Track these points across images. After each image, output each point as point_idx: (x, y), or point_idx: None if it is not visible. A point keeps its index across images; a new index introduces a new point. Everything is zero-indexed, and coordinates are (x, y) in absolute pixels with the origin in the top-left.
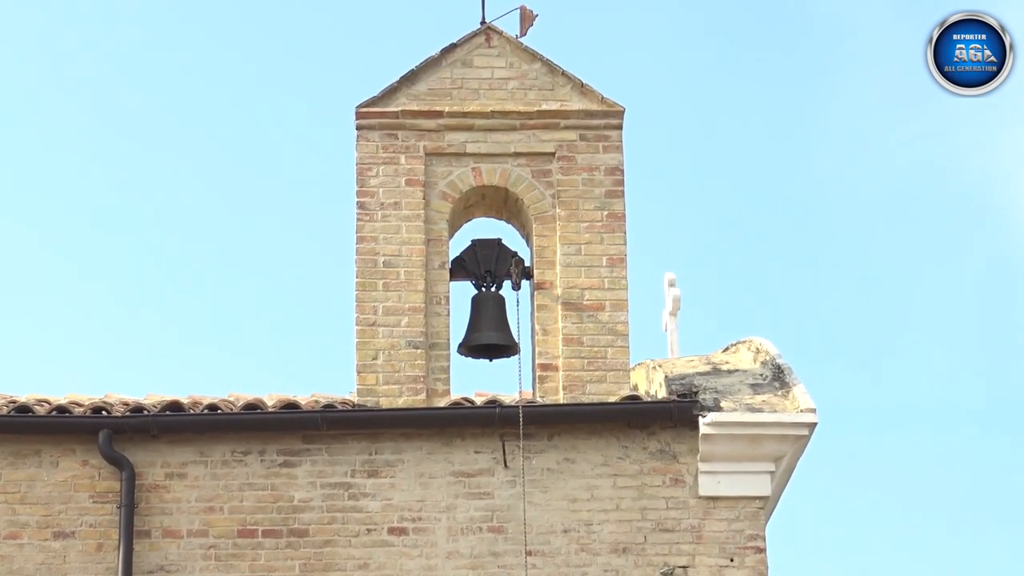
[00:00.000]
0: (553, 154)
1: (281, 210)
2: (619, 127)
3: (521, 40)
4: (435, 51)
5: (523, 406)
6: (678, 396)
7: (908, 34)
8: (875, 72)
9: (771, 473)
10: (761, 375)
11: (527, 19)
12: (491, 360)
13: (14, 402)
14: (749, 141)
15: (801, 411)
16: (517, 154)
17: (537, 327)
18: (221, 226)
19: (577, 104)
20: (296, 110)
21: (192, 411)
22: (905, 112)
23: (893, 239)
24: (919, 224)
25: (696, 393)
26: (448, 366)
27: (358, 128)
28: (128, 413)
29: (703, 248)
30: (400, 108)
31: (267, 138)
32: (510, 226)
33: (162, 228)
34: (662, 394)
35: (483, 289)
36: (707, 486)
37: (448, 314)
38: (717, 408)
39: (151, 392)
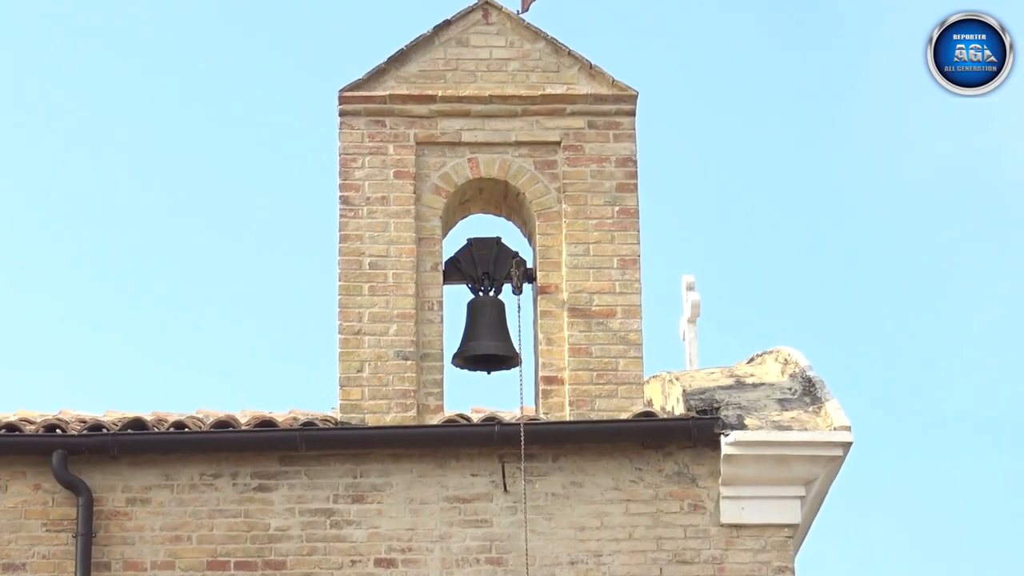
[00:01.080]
0: (558, 143)
1: (255, 206)
2: (632, 113)
3: (523, 17)
4: (427, 29)
5: (525, 424)
6: (697, 412)
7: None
8: (902, 64)
9: (801, 498)
10: (790, 389)
11: None
12: (489, 372)
13: None
14: (776, 130)
15: (834, 429)
16: (518, 143)
17: (540, 336)
18: (188, 225)
19: (585, 88)
20: (271, 94)
21: (156, 429)
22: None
23: (936, 241)
24: (965, 226)
25: (717, 409)
26: (441, 379)
27: (341, 114)
28: (85, 432)
29: (725, 248)
30: (388, 92)
31: (238, 126)
32: (510, 223)
33: (121, 227)
34: (680, 410)
35: (480, 293)
36: (730, 513)
37: (441, 321)
38: (741, 426)
39: (110, 408)
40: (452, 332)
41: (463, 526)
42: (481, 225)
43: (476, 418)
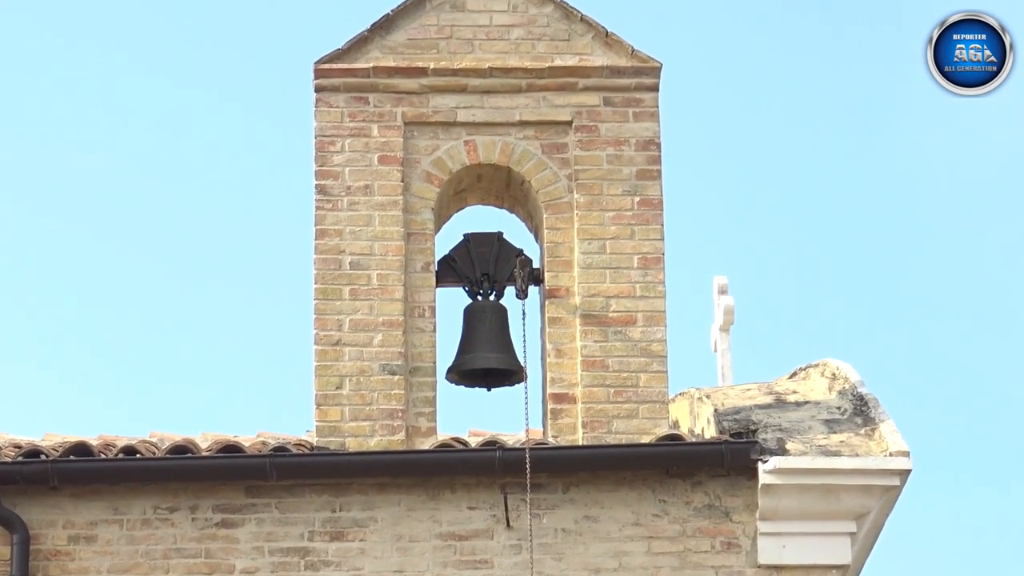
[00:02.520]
0: (569, 123)
1: (216, 196)
2: (655, 88)
3: None
4: None
5: (531, 448)
6: (731, 435)
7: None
8: None
9: (851, 535)
10: (838, 408)
11: None
12: (489, 389)
13: None
14: (822, 109)
15: (890, 455)
16: (523, 123)
17: (548, 346)
18: (137, 217)
19: (600, 59)
20: (235, 66)
21: (103, 456)
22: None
23: (1004, 241)
24: None
25: (754, 431)
26: (434, 397)
27: (317, 90)
28: (20, 458)
29: (763, 246)
30: (371, 64)
31: (199, 102)
32: (513, 216)
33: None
34: (710, 433)
35: (479, 298)
36: (769, 552)
37: (434, 330)
38: (781, 451)
39: (49, 431)
40: (446, 342)
41: (459, 567)
42: (480, 218)
43: (474, 442)
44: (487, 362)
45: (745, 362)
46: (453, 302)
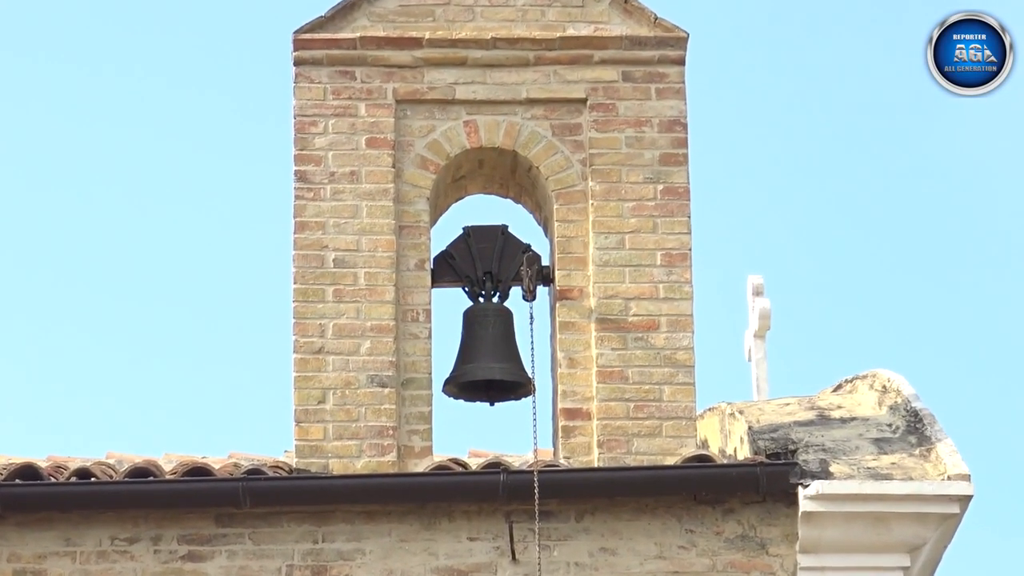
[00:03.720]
0: (584, 101)
1: (182, 186)
2: (681, 61)
3: None
4: None
5: (539, 471)
6: (767, 456)
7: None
8: None
9: (905, 569)
10: (890, 426)
11: None
12: (492, 404)
13: None
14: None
15: (949, 478)
16: (531, 101)
17: (560, 355)
18: (90, 210)
19: (619, 28)
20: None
21: (54, 479)
22: None
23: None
24: None
25: (794, 452)
26: (430, 412)
27: (297, 63)
28: None
29: (802, 241)
30: (358, 34)
31: (159, 77)
32: (520, 207)
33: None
34: (744, 453)
35: (480, 300)
36: None
37: (429, 336)
38: (825, 474)
39: None
40: (443, 350)
41: None
42: (481, 209)
43: (475, 464)
44: (490, 373)
45: (783, 373)
46: (451, 304)
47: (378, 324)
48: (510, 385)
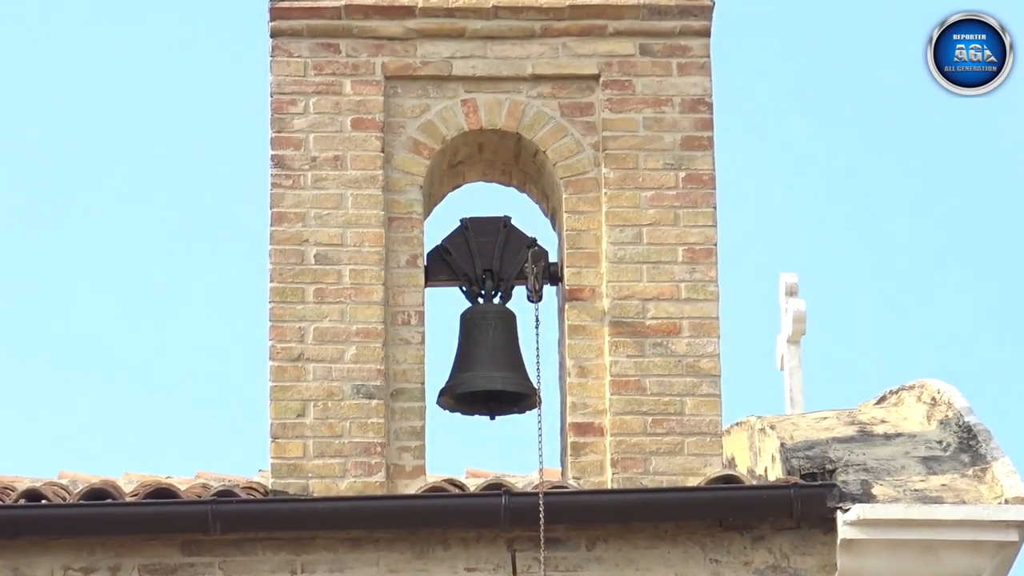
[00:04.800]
0: (596, 77)
1: (145, 173)
2: (706, 33)
3: None
4: None
5: (545, 493)
6: (802, 476)
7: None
8: None
9: None
10: (939, 443)
11: None
12: (493, 417)
13: None
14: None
15: (1007, 502)
16: (536, 78)
17: (569, 363)
18: (40, 205)
19: None
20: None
21: (1, 501)
22: None
23: None
24: None
25: (832, 472)
26: (422, 427)
27: (274, 34)
28: None
29: (841, 235)
30: (343, 2)
31: (118, 47)
32: (524, 196)
33: None
34: (776, 474)
35: (480, 300)
36: None
37: (422, 341)
38: (867, 496)
39: None
40: (438, 357)
41: None
42: (481, 199)
43: (473, 485)
44: (490, 383)
45: (820, 383)
46: (447, 306)
47: (365, 328)
48: (513, 396)
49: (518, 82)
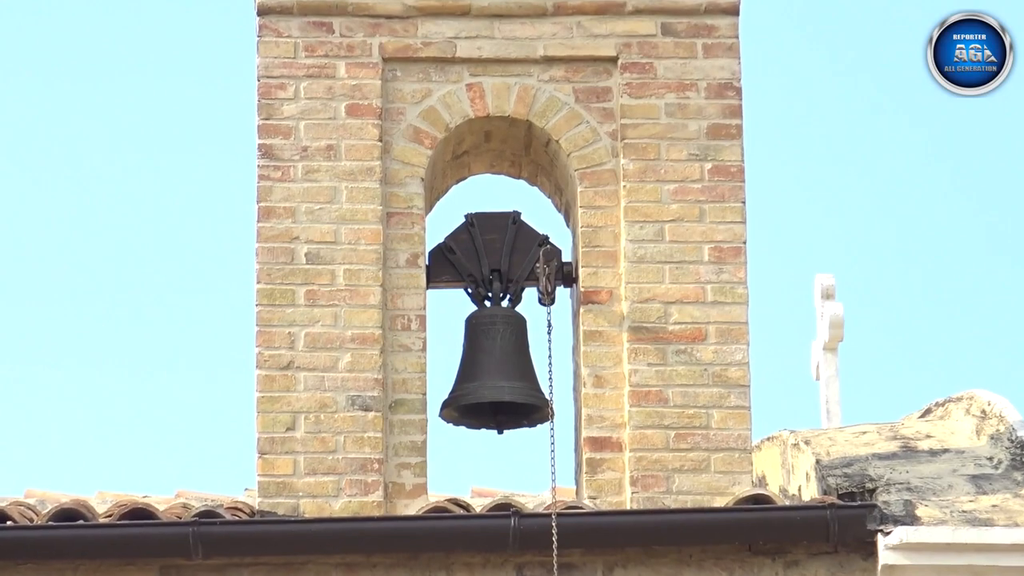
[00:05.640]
0: (614, 60)
1: (120, 165)
2: (734, 11)
3: None
4: None
5: (559, 514)
6: (839, 497)
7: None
8: None
9: None
10: (990, 459)
11: None
12: (501, 431)
13: None
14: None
15: None
16: (548, 60)
17: (584, 372)
18: (9, 197)
19: None
20: None
21: None
22: None
23: None
24: None
25: (873, 491)
26: (424, 442)
27: (261, 12)
28: None
29: (881, 233)
30: None
31: (92, 30)
32: (535, 190)
33: None
34: (811, 493)
35: (487, 304)
36: None
37: (424, 348)
38: (910, 519)
39: None
40: (441, 366)
41: None
42: (488, 193)
43: (479, 505)
44: (498, 394)
45: (859, 394)
46: (451, 309)
47: (360, 333)
48: (523, 409)
49: (528, 65)
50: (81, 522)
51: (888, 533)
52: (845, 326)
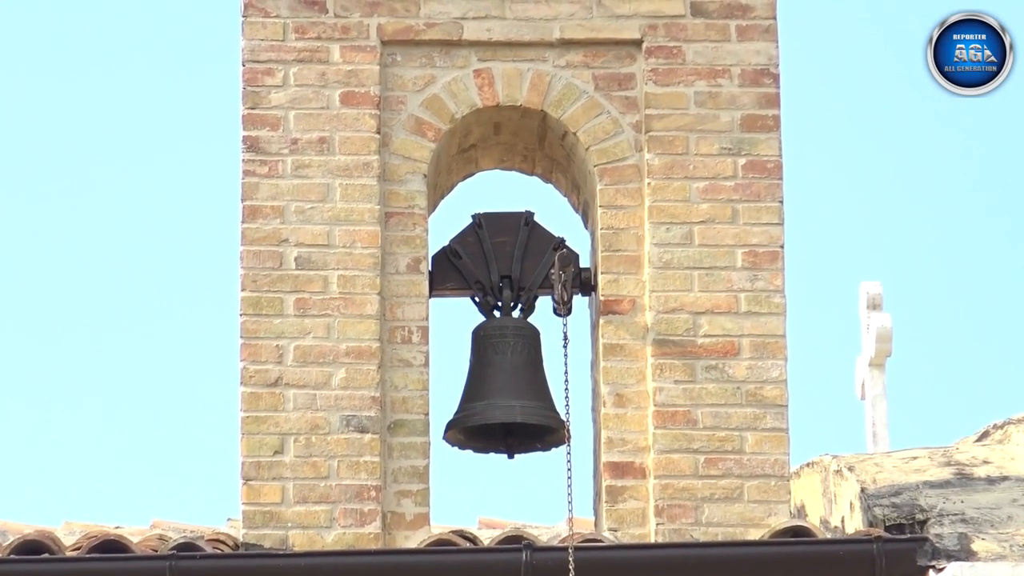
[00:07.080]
0: (639, 43)
1: (93, 155)
2: None
3: None
4: None
5: (576, 547)
6: (887, 529)
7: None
8: None
9: None
10: None
11: None
12: (511, 456)
13: None
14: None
15: None
16: (565, 43)
17: (604, 389)
18: None
19: None
20: None
21: None
22: None
23: None
24: None
25: (924, 523)
26: (426, 467)
27: None
28: None
29: (934, 238)
30: None
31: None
32: (550, 187)
33: None
34: (856, 524)
35: (496, 314)
36: None
37: (426, 363)
38: (966, 553)
39: None
40: (445, 383)
41: None
42: (498, 191)
43: (487, 537)
44: (508, 414)
45: (908, 415)
46: (456, 320)
47: (356, 346)
48: (536, 430)
49: (543, 48)
50: (46, 555)
51: (941, 570)
52: (893, 340)
